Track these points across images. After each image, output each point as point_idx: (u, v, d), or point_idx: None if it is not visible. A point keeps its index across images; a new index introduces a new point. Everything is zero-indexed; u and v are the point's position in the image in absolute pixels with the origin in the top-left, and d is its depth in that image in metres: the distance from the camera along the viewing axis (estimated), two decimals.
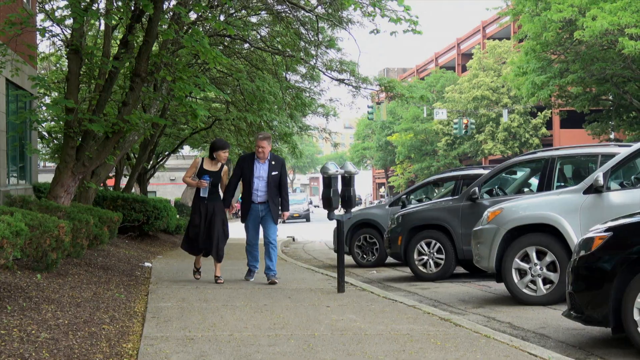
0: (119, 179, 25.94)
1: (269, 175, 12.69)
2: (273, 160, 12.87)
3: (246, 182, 12.79)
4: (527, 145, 59.29)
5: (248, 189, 12.75)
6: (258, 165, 12.76)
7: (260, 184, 12.71)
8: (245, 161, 12.97)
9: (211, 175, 12.60)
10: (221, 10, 19.32)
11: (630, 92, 37.15)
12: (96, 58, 15.07)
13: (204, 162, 12.79)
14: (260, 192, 12.71)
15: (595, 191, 10.35)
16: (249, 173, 12.75)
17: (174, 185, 70.80)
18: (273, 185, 12.73)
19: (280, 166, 12.92)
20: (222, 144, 12.92)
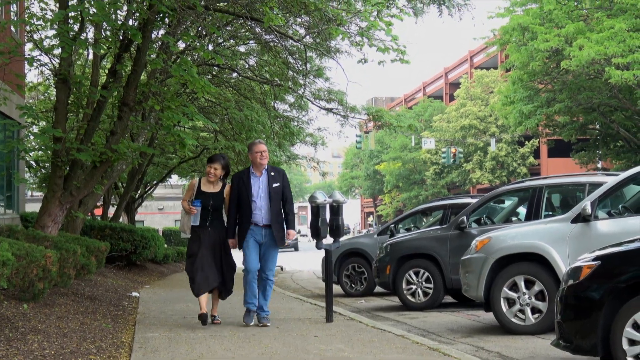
0: (107, 208, 25.87)
1: (269, 188, 11.04)
2: (272, 171, 11.25)
3: (244, 202, 11.02)
4: (515, 174, 59.46)
5: (247, 211, 10.98)
6: (255, 180, 11.09)
7: (261, 202, 11.00)
8: (240, 179, 11.19)
9: (210, 198, 10.93)
10: (209, 40, 19.36)
11: (617, 122, 37.33)
12: (84, 87, 15.08)
13: (201, 183, 11.15)
14: (262, 212, 10.99)
15: (583, 220, 10.36)
16: (245, 192, 11.01)
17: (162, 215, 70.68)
18: (276, 200, 11.08)
19: (282, 177, 11.30)
20: (210, 158, 11.37)
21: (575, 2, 36.45)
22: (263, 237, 11.04)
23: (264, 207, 11.03)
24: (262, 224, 11.02)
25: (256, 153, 11.13)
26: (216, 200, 11.05)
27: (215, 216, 11.07)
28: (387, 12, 15.23)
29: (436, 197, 59.85)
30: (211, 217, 11.04)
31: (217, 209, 11.09)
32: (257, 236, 11.04)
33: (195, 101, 21.72)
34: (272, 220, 11.03)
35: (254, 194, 11.06)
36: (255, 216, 11.01)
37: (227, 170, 11.24)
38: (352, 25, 15.44)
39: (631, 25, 31.86)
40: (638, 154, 37.44)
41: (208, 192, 11.06)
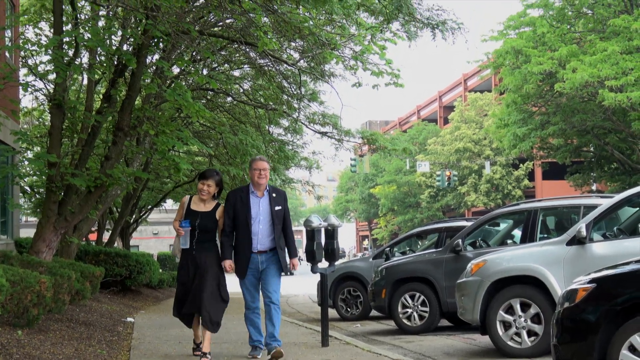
0: (102, 233, 25.83)
1: (271, 211, 10.04)
2: (273, 192, 10.23)
3: (241, 224, 9.97)
4: (509, 197, 59.47)
5: (244, 235, 9.95)
6: (255, 200, 10.05)
7: (261, 226, 9.98)
8: (238, 197, 10.10)
9: (200, 218, 9.86)
10: (204, 65, 19.41)
11: (611, 144, 37.41)
12: (79, 112, 15.09)
13: (192, 201, 10.08)
14: (261, 237, 9.98)
15: (578, 242, 10.35)
16: (244, 212, 9.95)
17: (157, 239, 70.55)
18: (278, 224, 10.09)
19: (283, 200, 10.31)
20: (203, 173, 10.27)
21: (568, 26, 36.63)
22: (261, 264, 10.03)
23: (264, 231, 9.98)
24: (257, 250, 10.00)
25: (254, 170, 10.10)
26: (207, 220, 9.94)
27: (207, 238, 9.95)
28: (381, 36, 15.33)
29: (431, 220, 59.87)
30: (201, 239, 9.91)
31: (208, 230, 9.95)
32: (257, 264, 10.03)
33: (189, 125, 21.74)
34: (276, 245, 10.05)
35: (253, 215, 9.98)
36: (254, 243, 9.97)
37: (221, 187, 10.18)
38: (346, 49, 15.52)
39: (624, 47, 31.98)
40: (632, 176, 37.48)
41: (198, 211, 9.96)
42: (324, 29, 15.78)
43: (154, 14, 11.28)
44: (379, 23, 14.68)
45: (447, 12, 13.78)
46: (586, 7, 36.44)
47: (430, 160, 62.52)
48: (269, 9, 12.03)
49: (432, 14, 13.43)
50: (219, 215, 10.07)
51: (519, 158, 53.78)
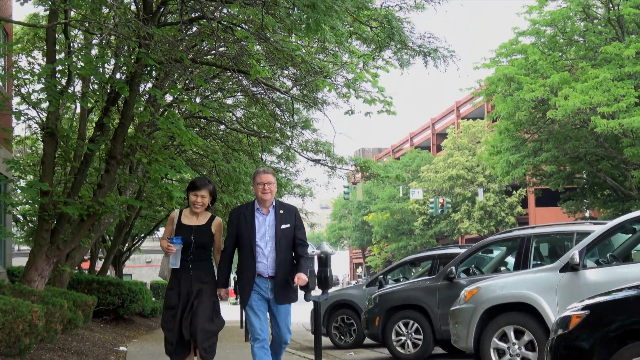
0: (94, 261, 25.75)
1: (277, 230, 8.78)
2: (281, 208, 8.96)
3: (245, 245, 8.77)
4: (503, 224, 59.50)
5: (248, 257, 8.72)
6: (261, 218, 8.83)
7: (266, 247, 8.73)
8: (241, 215, 8.90)
9: (193, 233, 8.85)
10: (197, 93, 19.44)
11: (604, 170, 37.50)
12: (72, 141, 15.08)
13: (182, 215, 9.05)
14: (267, 260, 8.72)
15: (572, 269, 10.34)
16: (248, 231, 8.75)
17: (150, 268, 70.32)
18: (285, 245, 8.78)
19: (294, 217, 8.96)
20: (194, 183, 9.12)
21: (559, 53, 36.84)
22: (269, 292, 8.73)
23: (270, 253, 8.72)
24: (267, 275, 8.71)
25: (258, 185, 8.85)
26: (201, 235, 8.91)
27: (200, 256, 8.91)
28: (373, 64, 15.37)
29: (425, 247, 59.81)
30: (194, 257, 8.85)
31: (203, 247, 8.93)
32: (263, 291, 8.72)
33: (182, 153, 21.74)
34: (279, 270, 8.71)
35: (258, 236, 8.75)
36: (259, 265, 8.71)
37: (214, 197, 9.18)
38: (338, 77, 15.55)
39: (615, 74, 32.17)
40: (625, 203, 37.54)
41: (191, 226, 8.92)
42: (317, 56, 15.83)
43: (147, 43, 11.31)
44: (371, 51, 14.72)
45: (439, 39, 13.84)
46: (577, 35, 36.68)
47: (424, 188, 62.58)
48: (261, 37, 12.06)
49: (424, 41, 13.49)
50: (215, 229, 9.03)
51: (512, 185, 53.86)
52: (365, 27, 13.17)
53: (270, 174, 8.97)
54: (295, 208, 9.20)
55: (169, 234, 9.02)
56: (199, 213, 9.02)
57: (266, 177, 8.88)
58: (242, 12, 11.83)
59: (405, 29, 13.05)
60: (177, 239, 8.72)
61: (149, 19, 12.01)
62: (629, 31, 35.16)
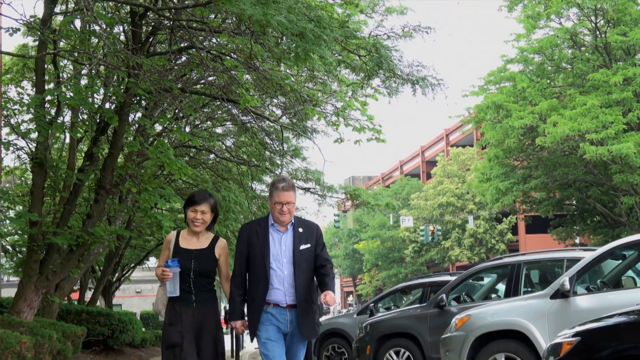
0: (84, 292, 25.63)
1: (295, 252, 7.47)
2: (300, 226, 7.63)
3: (256, 268, 7.48)
4: (493, 251, 59.50)
5: (260, 282, 7.44)
6: (276, 236, 7.55)
7: (281, 271, 7.43)
8: (253, 231, 7.60)
9: (193, 258, 7.57)
10: (186, 122, 19.45)
11: (593, 197, 37.58)
12: (61, 171, 15.06)
13: (180, 237, 7.74)
14: (284, 286, 7.43)
15: (562, 296, 10.34)
16: (261, 252, 7.45)
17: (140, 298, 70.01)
18: (305, 268, 7.48)
19: (315, 236, 7.65)
20: (193, 198, 7.79)
21: (548, 80, 37.02)
22: (288, 325, 7.46)
23: (287, 278, 7.42)
24: (285, 304, 7.43)
25: (276, 204, 7.48)
26: (203, 260, 7.60)
27: (202, 285, 7.61)
28: (362, 92, 15.44)
29: (415, 275, 59.77)
30: (195, 286, 7.56)
31: (205, 274, 7.61)
32: (281, 323, 7.44)
33: (172, 183, 21.72)
34: (299, 298, 7.41)
35: (272, 257, 7.45)
36: (274, 293, 7.43)
37: (216, 214, 7.87)
38: (328, 105, 15.62)
39: (603, 101, 32.32)
40: (615, 229, 37.61)
41: (191, 250, 7.61)
42: (306, 85, 15.89)
43: (136, 72, 11.32)
44: (360, 79, 14.77)
45: (427, 68, 13.87)
46: (565, 62, 36.87)
47: (414, 215, 62.60)
48: (250, 66, 12.10)
49: (412, 70, 13.54)
50: (220, 253, 7.72)
51: (502, 212, 53.92)
52: (353, 55, 13.22)
53: (291, 191, 7.52)
54: (316, 225, 7.84)
55: (164, 260, 7.67)
56: (199, 233, 7.69)
57: (286, 197, 7.46)
58: (231, 41, 11.88)
59: (394, 57, 13.09)
60: (174, 262, 7.44)
61: (138, 49, 12.04)
62: (616, 58, 35.37)
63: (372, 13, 14.95)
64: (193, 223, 7.64)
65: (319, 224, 7.94)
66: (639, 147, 31.03)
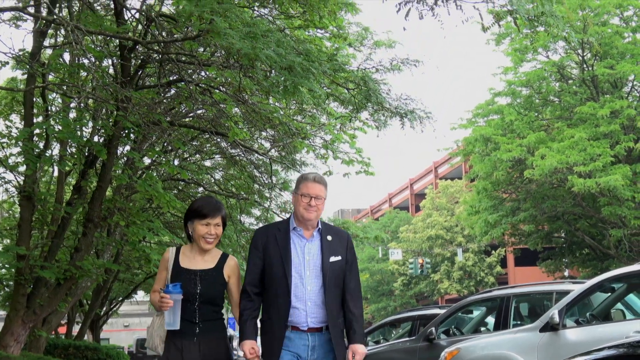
0: (71, 326, 25.49)
1: (325, 263, 6.17)
2: (329, 233, 6.36)
3: (274, 281, 6.15)
4: (482, 284, 59.41)
5: (278, 298, 6.12)
6: (298, 242, 6.26)
7: (309, 287, 6.12)
8: (271, 236, 6.30)
9: (201, 280, 6.19)
10: (175, 155, 19.45)
11: (582, 229, 37.61)
12: (49, 204, 15.01)
13: (182, 255, 6.30)
14: (306, 305, 6.10)
15: (552, 329, 10.32)
16: (279, 262, 6.14)
17: (128, 332, 69.64)
18: (334, 285, 6.17)
19: (346, 247, 6.34)
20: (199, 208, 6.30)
21: (535, 113, 37.15)
22: (310, 351, 6.10)
23: (312, 295, 6.11)
24: (306, 327, 6.10)
25: (302, 197, 6.27)
26: (210, 283, 6.20)
27: (209, 314, 6.20)
28: (351, 125, 15.48)
29: (405, 308, 59.63)
30: (201, 317, 6.15)
31: (213, 300, 6.20)
32: (300, 350, 6.10)
33: (161, 216, 21.67)
34: (330, 320, 6.11)
35: (294, 268, 6.13)
36: (295, 313, 6.08)
37: (224, 226, 6.52)
38: (316, 138, 15.65)
39: (591, 134, 32.45)
40: (604, 262, 37.61)
41: (195, 270, 6.21)
42: (295, 118, 15.92)
43: (125, 106, 11.33)
44: (349, 112, 14.82)
45: (415, 101, 13.91)
46: (553, 95, 37.05)
47: (403, 248, 62.54)
48: (239, 99, 12.13)
49: (400, 103, 13.56)
50: (230, 274, 6.32)
51: (490, 245, 53.92)
52: (342, 89, 13.26)
53: (322, 184, 6.36)
54: (347, 234, 6.57)
55: (162, 283, 6.28)
56: (207, 250, 6.31)
57: (315, 188, 6.28)
58: (220, 74, 11.91)
59: (382, 90, 13.12)
60: (175, 287, 6.06)
61: (127, 82, 12.05)
62: (603, 91, 35.55)
63: (360, 46, 15.02)
64: (204, 239, 6.22)
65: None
66: (626, 180, 31.14)
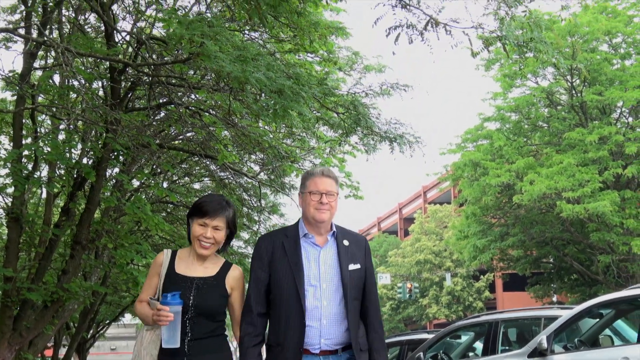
0: (58, 349, 25.29)
1: (343, 272, 5.26)
2: (345, 237, 5.43)
3: (284, 297, 5.26)
4: (471, 309, 59.39)
5: (290, 317, 5.21)
6: (311, 250, 5.35)
7: (324, 302, 5.21)
8: (278, 246, 5.39)
9: (197, 290, 5.21)
10: (164, 178, 19.41)
11: (570, 255, 37.67)
12: (37, 226, 14.94)
13: (178, 259, 5.35)
14: (326, 323, 5.19)
15: (540, 354, 10.33)
16: (289, 273, 5.26)
17: (115, 355, 69.23)
18: (354, 298, 5.27)
19: (364, 253, 5.45)
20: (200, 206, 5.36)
21: (524, 138, 37.28)
22: None
23: (330, 312, 5.19)
24: (319, 350, 5.18)
25: (312, 194, 5.32)
26: (208, 293, 5.23)
27: (205, 330, 5.17)
28: (340, 149, 15.49)
29: (393, 332, 59.47)
30: (194, 333, 5.14)
31: (210, 315, 5.20)
32: None
33: (149, 239, 21.60)
34: (352, 338, 5.18)
35: (307, 282, 5.21)
36: (309, 333, 5.14)
37: (233, 231, 5.60)
38: (306, 162, 15.65)
39: (580, 160, 32.56)
40: (592, 287, 37.64)
41: (192, 278, 5.25)
42: (284, 141, 15.93)
43: (115, 128, 11.32)
44: (338, 136, 14.83)
45: (404, 125, 13.94)
46: (542, 121, 37.20)
47: (392, 272, 62.53)
48: (229, 122, 12.13)
49: (390, 127, 13.59)
50: (233, 285, 5.42)
51: (479, 269, 53.94)
52: (332, 113, 13.28)
53: (332, 178, 5.41)
54: (364, 237, 5.61)
55: (151, 291, 5.33)
56: (206, 256, 5.37)
57: (325, 183, 5.32)
58: (210, 97, 11.93)
59: (372, 115, 13.15)
60: (175, 297, 4.99)
61: (116, 105, 12.04)
62: (592, 117, 35.71)
63: (350, 71, 15.06)
64: (199, 243, 5.30)
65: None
66: (615, 206, 31.22)
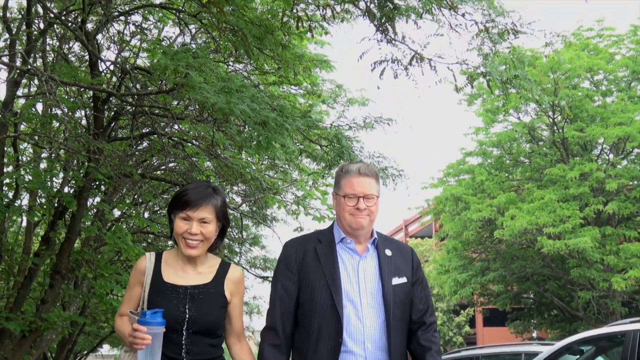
0: None
1: (386, 287, 4.41)
2: (387, 246, 4.61)
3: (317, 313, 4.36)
4: (451, 344, 59.24)
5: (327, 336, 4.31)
6: (350, 259, 4.52)
7: (367, 321, 4.35)
8: (310, 251, 4.53)
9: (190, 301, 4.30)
10: (146, 208, 19.35)
11: (551, 291, 37.71)
12: (16, 255, 14.85)
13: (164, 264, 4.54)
14: (365, 345, 4.31)
15: None
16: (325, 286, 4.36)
17: None
18: (400, 318, 4.43)
19: (411, 262, 4.63)
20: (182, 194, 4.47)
21: (506, 174, 37.43)
22: None
23: (375, 334, 4.36)
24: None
25: (348, 198, 4.51)
26: (206, 305, 4.33)
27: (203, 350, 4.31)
28: (323, 182, 15.50)
29: None
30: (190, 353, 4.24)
31: (208, 332, 4.31)
32: None
33: (129, 269, 21.48)
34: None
35: (345, 296, 4.38)
36: (345, 357, 4.30)
37: (226, 225, 4.70)
38: (288, 194, 15.64)
39: (561, 195, 32.67)
40: (572, 323, 37.65)
41: (184, 287, 4.39)
42: (267, 173, 15.92)
43: (97, 157, 11.28)
44: (321, 169, 14.84)
45: (387, 159, 13.97)
46: (523, 156, 37.36)
47: None
48: (211, 153, 12.11)
49: (373, 160, 13.61)
50: (233, 291, 4.51)
51: (459, 304, 53.89)
52: (315, 145, 13.30)
53: (371, 176, 4.57)
54: (411, 248, 4.80)
55: (133, 304, 4.40)
56: (196, 257, 4.51)
57: (363, 184, 4.51)
58: (193, 128, 11.93)
59: (355, 148, 13.16)
60: (155, 316, 4.08)
61: (99, 134, 12.02)
62: (573, 153, 35.90)
63: (334, 103, 15.11)
64: (185, 241, 4.47)
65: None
66: (595, 242, 31.30)
